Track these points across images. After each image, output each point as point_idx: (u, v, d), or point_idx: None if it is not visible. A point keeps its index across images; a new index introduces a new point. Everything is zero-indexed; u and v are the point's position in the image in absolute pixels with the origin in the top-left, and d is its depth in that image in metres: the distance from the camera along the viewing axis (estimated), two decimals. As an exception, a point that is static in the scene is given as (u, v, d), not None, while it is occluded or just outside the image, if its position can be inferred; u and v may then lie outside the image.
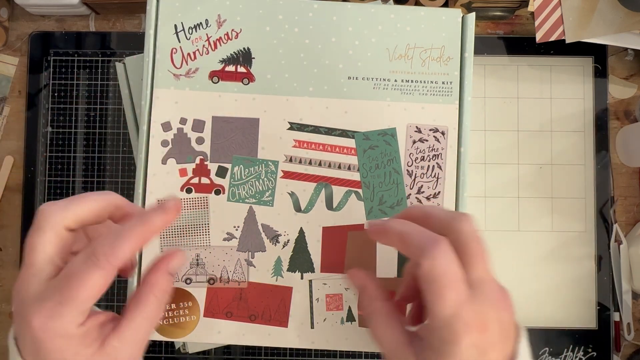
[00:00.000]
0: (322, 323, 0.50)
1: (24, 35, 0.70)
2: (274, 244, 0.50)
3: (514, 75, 0.70)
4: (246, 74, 0.50)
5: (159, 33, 0.50)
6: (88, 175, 0.67)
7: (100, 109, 0.68)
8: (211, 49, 0.50)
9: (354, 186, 0.50)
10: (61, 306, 0.35)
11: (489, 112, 0.70)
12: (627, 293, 0.68)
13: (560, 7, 0.64)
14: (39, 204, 0.67)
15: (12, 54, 0.70)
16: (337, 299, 0.50)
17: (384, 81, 0.50)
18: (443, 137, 0.50)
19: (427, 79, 0.50)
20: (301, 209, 0.50)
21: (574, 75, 0.70)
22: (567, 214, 0.69)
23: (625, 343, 0.69)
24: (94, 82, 0.68)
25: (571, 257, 0.69)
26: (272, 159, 0.50)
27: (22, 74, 0.69)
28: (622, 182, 0.70)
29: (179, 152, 0.50)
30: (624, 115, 0.71)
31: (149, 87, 0.49)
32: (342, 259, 0.50)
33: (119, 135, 0.68)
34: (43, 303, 0.36)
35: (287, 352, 0.66)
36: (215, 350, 0.66)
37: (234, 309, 0.50)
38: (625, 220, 0.70)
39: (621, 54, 0.70)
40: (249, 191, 0.50)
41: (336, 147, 0.50)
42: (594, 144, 0.70)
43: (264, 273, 0.50)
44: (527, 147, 0.70)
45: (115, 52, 0.69)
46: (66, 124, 0.68)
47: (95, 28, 0.70)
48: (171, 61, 0.49)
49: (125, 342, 0.37)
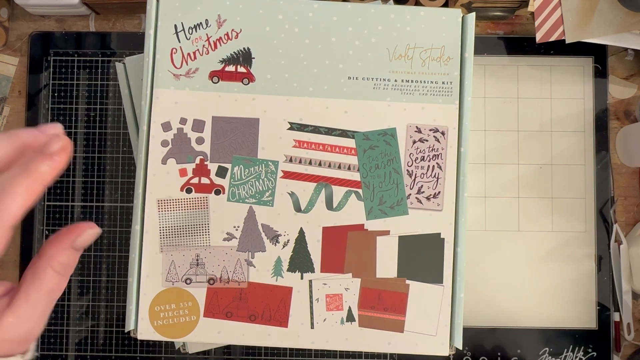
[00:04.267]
0: (322, 323, 0.50)
1: (24, 35, 0.70)
2: (274, 244, 0.50)
3: (514, 76, 0.70)
4: (246, 74, 0.50)
5: (159, 33, 0.50)
6: (88, 175, 0.67)
7: (100, 109, 0.68)
8: (211, 49, 0.50)
9: (354, 186, 0.50)
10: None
11: (489, 112, 0.70)
12: (627, 293, 0.68)
13: (560, 7, 0.64)
14: (38, 204, 0.67)
15: (12, 54, 0.70)
16: (337, 299, 0.50)
17: (384, 81, 0.50)
18: (443, 137, 0.50)
19: (427, 79, 0.50)
20: (301, 209, 0.50)
21: (574, 75, 0.70)
22: (567, 214, 0.69)
23: (625, 343, 0.69)
24: (94, 82, 0.68)
25: (571, 257, 0.69)
26: (272, 159, 0.50)
27: (22, 74, 0.69)
28: (622, 182, 0.70)
29: (179, 152, 0.50)
30: (624, 115, 0.71)
31: (148, 87, 0.49)
32: (342, 259, 0.50)
33: (119, 135, 0.68)
34: None
35: (287, 352, 0.66)
36: (215, 350, 0.66)
37: (234, 309, 0.50)
38: (625, 220, 0.70)
39: (621, 54, 0.70)
40: (249, 191, 0.50)
41: (336, 147, 0.50)
42: (594, 144, 0.69)
43: (264, 273, 0.50)
44: (527, 147, 0.69)
45: (115, 52, 0.69)
46: (66, 124, 0.68)
47: (95, 28, 0.70)
48: (171, 61, 0.49)
49: (22, 319, 0.35)
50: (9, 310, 0.35)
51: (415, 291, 0.50)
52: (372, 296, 0.50)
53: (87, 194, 0.67)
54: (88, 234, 0.37)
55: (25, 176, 0.33)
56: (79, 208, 0.67)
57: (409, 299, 0.50)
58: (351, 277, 0.50)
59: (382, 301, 0.50)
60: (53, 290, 0.36)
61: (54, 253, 0.36)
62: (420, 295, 0.50)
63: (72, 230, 0.37)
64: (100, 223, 0.67)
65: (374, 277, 0.50)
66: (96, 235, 0.38)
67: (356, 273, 0.50)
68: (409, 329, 0.50)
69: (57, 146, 0.35)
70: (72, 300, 0.66)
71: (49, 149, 0.34)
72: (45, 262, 0.36)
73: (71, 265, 0.37)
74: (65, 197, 0.67)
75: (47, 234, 0.67)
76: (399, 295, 0.50)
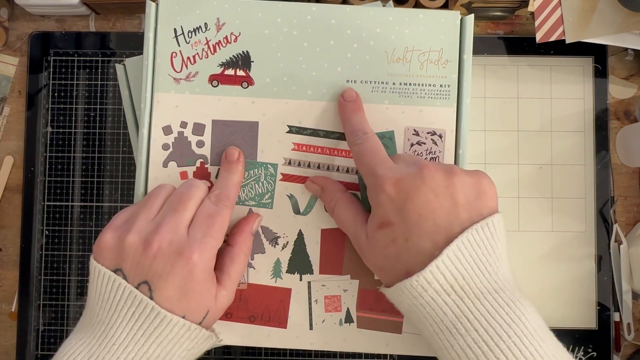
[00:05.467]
0: (321, 324, 0.50)
1: (24, 35, 0.70)
2: (273, 245, 0.50)
3: (514, 76, 0.70)
4: (245, 77, 0.50)
5: (159, 37, 0.50)
6: (88, 175, 0.68)
7: (100, 109, 0.68)
8: (210, 53, 0.50)
9: (352, 189, 0.50)
10: (211, 239, 0.44)
11: (489, 112, 0.69)
12: (627, 293, 0.68)
13: (560, 7, 0.64)
14: (38, 204, 0.67)
15: (12, 54, 0.70)
16: (335, 301, 0.50)
17: (382, 84, 0.50)
18: (440, 140, 0.50)
19: (425, 82, 0.50)
20: (300, 212, 0.50)
21: (574, 75, 0.70)
22: (567, 214, 0.69)
23: (625, 343, 0.69)
24: (94, 82, 0.68)
25: (571, 257, 0.69)
26: (271, 162, 0.50)
27: (22, 74, 0.69)
28: (622, 182, 0.70)
29: (179, 155, 0.50)
30: (624, 115, 0.70)
31: (149, 91, 0.49)
32: (341, 260, 0.50)
33: (119, 135, 0.68)
34: (195, 241, 0.43)
35: (287, 353, 0.66)
36: (215, 351, 0.66)
37: (233, 310, 0.50)
38: (625, 220, 0.70)
39: (621, 54, 0.70)
40: (248, 194, 0.50)
41: (334, 150, 0.50)
42: (594, 144, 0.69)
43: (263, 275, 0.50)
44: (527, 147, 0.69)
45: (115, 52, 0.69)
46: (66, 124, 0.68)
47: (95, 28, 0.70)
48: (171, 65, 0.49)
49: (229, 291, 0.46)
50: (220, 285, 0.46)
51: (413, 293, 0.50)
52: (370, 297, 0.50)
53: (87, 194, 0.67)
54: (258, 220, 0.49)
55: (236, 174, 0.49)
56: (79, 208, 0.67)
57: (408, 300, 0.50)
58: (349, 279, 0.50)
59: (380, 302, 0.50)
60: (243, 270, 0.48)
61: (241, 241, 0.48)
62: (418, 297, 0.50)
63: (248, 220, 0.49)
64: (100, 223, 0.67)
65: (372, 279, 0.50)
66: (261, 221, 0.50)
67: (354, 274, 0.50)
68: (407, 330, 0.50)
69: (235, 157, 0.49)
70: (72, 300, 0.67)
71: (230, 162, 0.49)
72: (239, 249, 0.47)
73: (251, 248, 0.49)
74: (65, 197, 0.67)
75: (47, 234, 0.67)
76: (397, 297, 0.50)
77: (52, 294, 0.66)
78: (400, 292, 0.41)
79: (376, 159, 0.44)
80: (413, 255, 0.41)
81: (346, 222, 0.47)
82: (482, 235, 0.41)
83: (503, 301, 0.39)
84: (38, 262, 0.67)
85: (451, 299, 0.40)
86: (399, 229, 0.42)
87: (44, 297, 0.66)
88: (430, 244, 0.41)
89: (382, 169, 0.43)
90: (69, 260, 0.67)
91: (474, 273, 0.40)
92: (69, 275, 0.67)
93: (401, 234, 0.42)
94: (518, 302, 0.40)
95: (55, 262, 0.67)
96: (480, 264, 0.41)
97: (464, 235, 0.40)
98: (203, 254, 0.43)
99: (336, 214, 0.48)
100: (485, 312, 0.39)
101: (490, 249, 0.41)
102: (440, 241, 0.41)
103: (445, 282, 0.40)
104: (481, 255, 0.41)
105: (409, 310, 0.42)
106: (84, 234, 0.67)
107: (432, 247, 0.41)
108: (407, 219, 0.41)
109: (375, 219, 0.43)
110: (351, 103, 0.48)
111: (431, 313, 0.40)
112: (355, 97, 0.49)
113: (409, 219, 0.41)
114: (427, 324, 0.41)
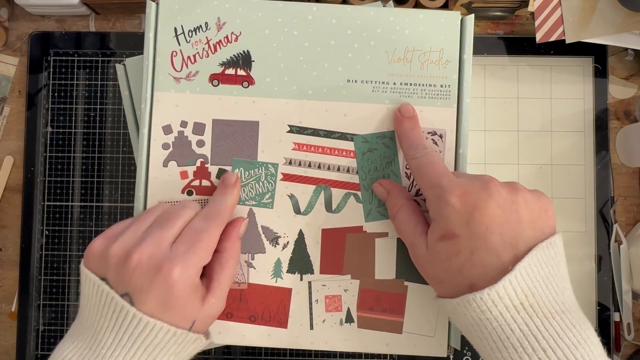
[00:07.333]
0: (321, 324, 0.50)
1: (24, 35, 0.70)
2: (273, 245, 0.50)
3: (514, 76, 0.70)
4: (246, 77, 0.50)
5: (159, 36, 0.50)
6: (88, 175, 0.68)
7: (100, 109, 0.68)
8: (211, 52, 0.50)
9: (352, 188, 0.50)
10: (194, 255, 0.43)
11: (489, 112, 0.69)
12: (627, 293, 0.68)
13: (560, 7, 0.64)
14: (39, 204, 0.67)
15: (12, 54, 0.70)
16: (336, 300, 0.50)
17: (383, 84, 0.50)
18: (441, 140, 0.50)
19: (425, 82, 0.50)
20: (300, 211, 0.50)
21: (574, 75, 0.70)
22: (567, 214, 0.69)
23: (625, 343, 0.69)
24: (94, 82, 0.68)
25: (571, 257, 0.69)
26: (271, 162, 0.50)
27: (22, 74, 0.69)
28: (622, 182, 0.70)
29: (180, 154, 0.50)
30: (624, 115, 0.70)
31: (149, 91, 0.49)
32: (341, 260, 0.50)
33: (119, 135, 0.68)
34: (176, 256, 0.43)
35: (287, 353, 0.66)
36: (215, 350, 0.66)
37: (234, 310, 0.50)
38: (625, 220, 0.70)
39: (621, 54, 0.70)
40: (249, 193, 0.50)
41: (335, 150, 0.50)
42: (594, 144, 0.69)
43: (263, 274, 0.50)
44: (527, 147, 0.69)
45: (115, 52, 0.69)
46: (66, 124, 0.68)
47: (95, 28, 0.70)
48: (171, 64, 0.49)
49: (218, 298, 0.46)
50: (209, 293, 0.45)
51: (413, 292, 0.50)
52: (370, 297, 0.50)
53: (87, 194, 0.67)
54: (244, 224, 0.49)
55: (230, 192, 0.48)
56: (79, 208, 0.67)
57: (408, 300, 0.50)
58: (350, 279, 0.50)
59: (380, 302, 0.50)
60: (233, 275, 0.48)
61: (230, 246, 0.47)
62: (418, 296, 0.50)
63: (234, 225, 0.48)
64: (100, 223, 0.67)
65: (372, 279, 0.50)
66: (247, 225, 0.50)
67: (355, 274, 0.50)
68: (407, 330, 0.50)
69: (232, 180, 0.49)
70: (72, 300, 0.67)
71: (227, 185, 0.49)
72: (228, 254, 0.47)
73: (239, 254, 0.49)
74: (64, 197, 0.67)
75: (47, 234, 0.67)
76: (397, 297, 0.50)
77: (52, 294, 0.66)
78: (466, 304, 0.41)
79: (438, 172, 0.44)
80: (477, 269, 0.41)
81: (406, 229, 0.46)
82: (548, 254, 0.41)
83: (570, 323, 0.39)
84: (38, 262, 0.67)
85: (520, 316, 0.39)
86: (463, 242, 0.41)
87: (44, 297, 0.66)
88: (496, 259, 0.40)
89: (446, 181, 0.43)
90: (69, 260, 0.67)
91: (543, 292, 0.40)
92: (69, 275, 0.67)
93: (466, 247, 0.41)
94: (584, 325, 0.40)
95: (55, 262, 0.67)
96: (548, 283, 0.40)
97: (533, 252, 0.40)
98: (185, 269, 0.42)
99: (397, 220, 0.47)
100: (554, 333, 0.39)
101: (556, 269, 0.41)
102: (507, 257, 0.40)
103: (516, 298, 0.39)
104: (548, 274, 0.41)
105: (469, 323, 0.41)
106: (83, 234, 0.67)
107: (498, 262, 0.40)
108: (473, 231, 0.41)
109: (438, 230, 0.43)
110: (408, 119, 0.49)
111: (497, 329, 0.40)
112: (412, 113, 0.49)
113: (475, 232, 0.41)
114: (490, 339, 0.40)
